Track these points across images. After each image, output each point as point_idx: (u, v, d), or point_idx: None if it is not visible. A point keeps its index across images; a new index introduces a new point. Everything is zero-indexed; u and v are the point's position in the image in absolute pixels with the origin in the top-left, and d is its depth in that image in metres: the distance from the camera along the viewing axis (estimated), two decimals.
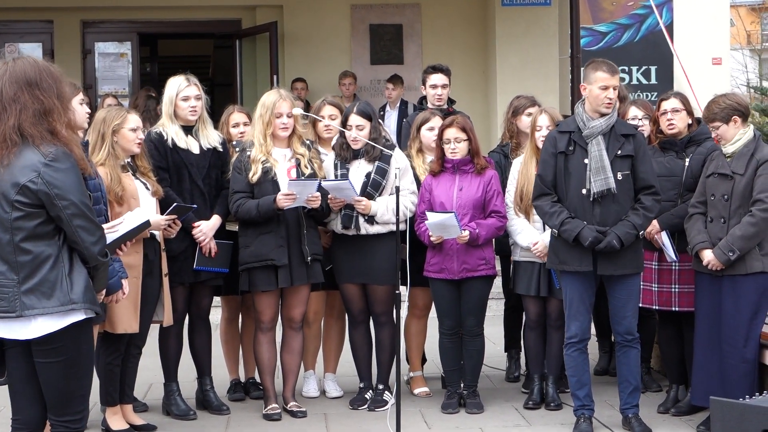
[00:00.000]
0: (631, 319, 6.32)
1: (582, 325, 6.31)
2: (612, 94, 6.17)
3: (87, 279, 4.27)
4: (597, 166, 6.13)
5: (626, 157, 6.17)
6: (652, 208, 6.20)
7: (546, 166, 6.30)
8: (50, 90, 4.26)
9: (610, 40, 16.08)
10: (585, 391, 6.35)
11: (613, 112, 6.24)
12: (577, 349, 6.33)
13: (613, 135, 6.20)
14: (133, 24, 14.65)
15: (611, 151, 6.16)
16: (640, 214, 6.15)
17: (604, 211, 6.14)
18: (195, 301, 6.91)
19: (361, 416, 6.84)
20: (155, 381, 7.37)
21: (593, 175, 6.13)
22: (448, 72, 8.12)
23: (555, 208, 6.22)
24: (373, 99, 12.73)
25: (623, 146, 6.18)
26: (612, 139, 6.19)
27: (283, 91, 6.92)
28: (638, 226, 6.15)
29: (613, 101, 6.20)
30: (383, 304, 6.92)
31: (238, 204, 6.63)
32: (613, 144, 6.18)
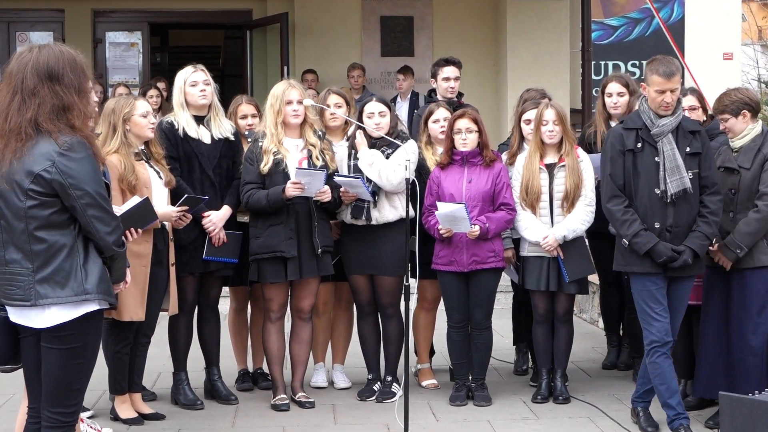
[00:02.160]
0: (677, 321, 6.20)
1: (662, 327, 6.08)
2: (669, 98, 6.00)
3: (102, 269, 4.27)
4: (671, 165, 5.98)
5: (694, 155, 6.02)
6: (717, 211, 6.04)
7: (615, 165, 6.12)
8: (71, 85, 4.23)
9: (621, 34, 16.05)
10: (676, 399, 6.12)
11: (679, 108, 6.10)
12: (662, 354, 6.09)
13: (681, 132, 6.05)
14: (144, 14, 14.65)
15: (681, 149, 6.01)
16: (709, 222, 6.00)
17: (678, 211, 6.01)
18: (204, 291, 6.92)
19: (369, 408, 6.84)
20: (164, 370, 7.38)
21: (669, 176, 5.99)
22: (460, 65, 8.13)
23: (627, 216, 6.05)
24: (383, 91, 12.74)
25: (691, 143, 6.03)
26: (681, 137, 6.04)
27: (293, 81, 6.94)
28: (710, 236, 6.03)
29: (671, 105, 6.03)
30: (391, 296, 6.92)
31: (249, 194, 6.64)
32: (682, 142, 6.02)
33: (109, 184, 4.65)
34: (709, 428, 6.26)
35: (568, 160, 6.77)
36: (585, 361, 8.05)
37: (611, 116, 7.61)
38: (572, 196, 6.74)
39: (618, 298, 7.75)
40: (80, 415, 5.26)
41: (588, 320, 9.72)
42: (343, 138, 7.32)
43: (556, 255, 6.73)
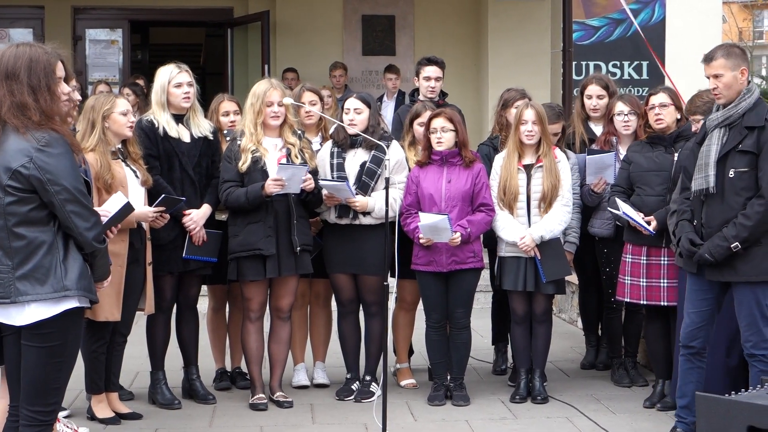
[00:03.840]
0: (744, 330, 5.75)
1: (685, 328, 5.92)
2: (714, 83, 5.70)
3: (82, 266, 4.26)
4: (701, 162, 5.77)
5: (746, 153, 5.62)
6: (752, 215, 5.56)
7: (690, 157, 5.93)
8: (27, 85, 4.24)
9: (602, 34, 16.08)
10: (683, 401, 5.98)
11: (741, 100, 5.68)
12: (682, 355, 5.98)
13: (737, 127, 5.67)
14: (125, 11, 14.60)
15: (728, 144, 5.66)
16: (735, 224, 5.60)
17: (709, 211, 5.74)
18: (183, 290, 6.90)
19: (348, 407, 6.84)
20: (142, 369, 7.36)
21: (696, 172, 5.81)
22: (442, 64, 8.13)
23: (682, 206, 5.91)
24: (365, 90, 12.72)
25: (744, 140, 5.64)
26: (734, 132, 5.68)
27: (274, 81, 6.93)
28: (730, 238, 5.61)
29: (719, 91, 5.72)
30: (374, 295, 6.92)
31: (228, 192, 6.62)
32: (733, 137, 5.67)
33: (90, 181, 4.64)
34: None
35: (545, 160, 6.78)
36: (563, 361, 8.07)
37: (590, 117, 7.64)
38: (549, 196, 6.75)
39: (597, 298, 7.76)
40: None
41: (567, 320, 9.74)
42: (317, 134, 7.33)
43: (534, 255, 6.73)
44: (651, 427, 6.38)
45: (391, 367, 7.34)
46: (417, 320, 7.42)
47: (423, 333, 7.02)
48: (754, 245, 5.65)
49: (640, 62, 15.96)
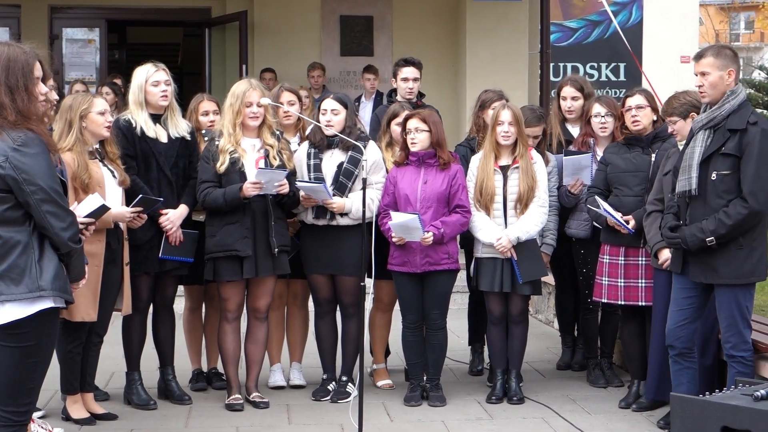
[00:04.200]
0: (724, 331, 5.82)
1: (668, 328, 5.97)
2: (700, 81, 5.75)
3: (58, 266, 4.24)
4: (685, 164, 5.80)
5: (729, 156, 5.65)
6: (733, 214, 5.59)
7: (678, 159, 5.97)
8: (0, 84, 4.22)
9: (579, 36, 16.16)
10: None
11: (725, 102, 5.71)
12: (670, 357, 6.03)
13: (721, 130, 5.70)
14: (102, 10, 14.54)
15: (712, 147, 5.70)
16: (715, 219, 5.64)
17: (692, 213, 5.78)
18: (159, 290, 6.88)
19: (324, 408, 6.83)
20: (117, 370, 7.33)
21: (680, 174, 5.84)
22: (419, 65, 8.14)
23: (670, 203, 5.98)
24: (343, 90, 12.72)
25: (727, 143, 5.66)
26: (718, 135, 5.71)
27: (254, 81, 6.91)
28: (707, 231, 5.65)
29: (704, 89, 5.72)
30: (351, 296, 6.91)
31: (206, 193, 6.61)
32: (717, 139, 5.70)
33: (66, 181, 4.63)
34: (660, 428, 6.31)
35: (521, 161, 6.80)
36: (540, 361, 8.09)
37: (566, 119, 7.66)
38: (526, 197, 6.77)
39: (573, 299, 7.79)
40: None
41: (543, 321, 9.76)
42: (296, 134, 7.33)
43: (510, 256, 6.75)
44: (626, 427, 6.41)
45: (367, 368, 7.34)
46: (394, 321, 7.42)
47: (400, 334, 7.02)
48: (736, 248, 5.69)
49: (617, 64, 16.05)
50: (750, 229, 5.71)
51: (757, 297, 9.57)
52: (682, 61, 15.89)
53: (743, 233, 5.69)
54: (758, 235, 5.77)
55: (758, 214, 5.65)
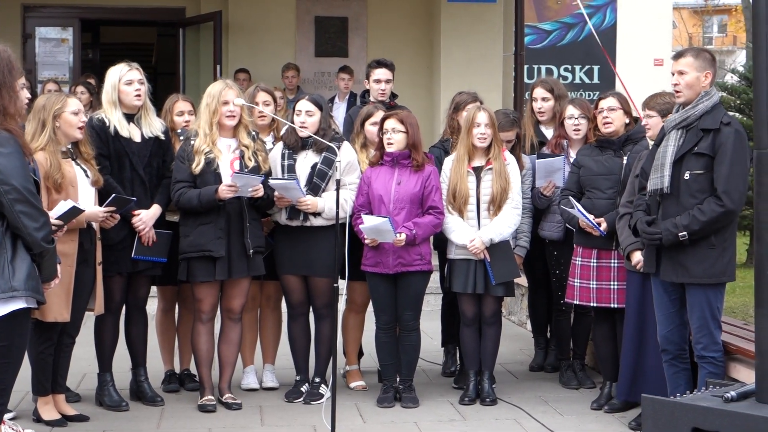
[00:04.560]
0: (695, 332, 5.86)
1: (660, 333, 6.01)
2: (677, 79, 5.81)
3: (30, 266, 4.22)
4: (657, 163, 5.86)
5: (702, 156, 5.72)
6: (707, 211, 5.65)
7: (649, 158, 6.05)
8: None
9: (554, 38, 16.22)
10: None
11: (698, 102, 5.77)
12: (665, 361, 6.04)
13: (694, 129, 5.77)
14: (75, 9, 14.49)
15: (685, 146, 5.77)
16: (689, 214, 5.70)
17: (665, 212, 5.85)
18: (132, 290, 6.85)
19: (297, 409, 6.82)
20: (89, 371, 7.29)
21: (652, 173, 5.90)
22: (392, 67, 8.15)
23: (638, 201, 6.02)
24: (317, 91, 12.70)
25: (699, 143, 5.73)
26: (691, 134, 5.78)
27: (229, 81, 6.91)
28: (680, 226, 5.71)
29: (680, 88, 5.79)
30: (324, 297, 6.90)
31: (180, 193, 6.59)
32: (689, 139, 5.77)
33: (39, 181, 4.61)
34: (632, 429, 6.34)
35: (495, 163, 6.81)
36: (512, 363, 8.11)
37: (540, 121, 7.69)
38: (499, 199, 6.78)
39: (546, 301, 7.81)
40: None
41: (516, 322, 9.78)
42: (270, 134, 7.33)
43: (483, 258, 6.76)
44: (598, 428, 6.43)
45: (340, 369, 7.33)
46: (367, 322, 7.42)
47: (373, 335, 7.02)
48: (708, 247, 5.74)
49: (591, 66, 16.12)
50: (722, 229, 5.77)
51: (729, 299, 9.66)
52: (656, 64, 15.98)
53: (715, 232, 5.75)
54: (729, 236, 5.85)
55: (731, 213, 5.72)
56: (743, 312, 8.87)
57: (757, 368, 4.87)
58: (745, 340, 6.45)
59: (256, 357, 7.41)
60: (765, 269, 4.82)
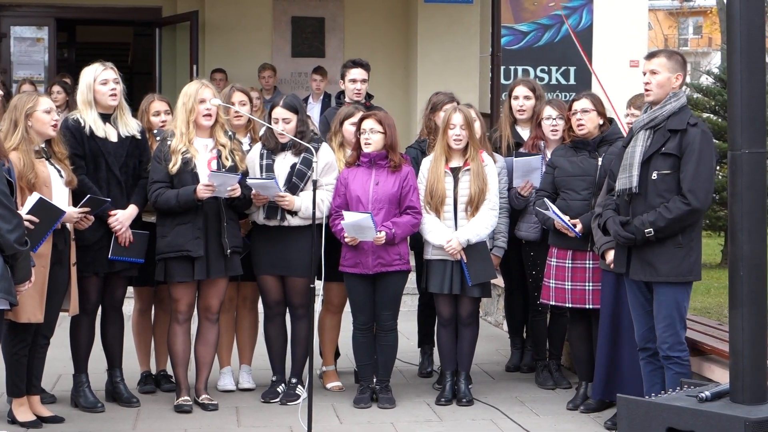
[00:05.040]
0: (661, 331, 5.89)
1: (638, 332, 6.05)
2: (648, 78, 5.88)
3: (2, 268, 4.19)
4: (626, 163, 5.92)
5: (669, 156, 5.79)
6: (673, 209, 5.72)
7: (617, 159, 6.10)
8: None
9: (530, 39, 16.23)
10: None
11: (666, 103, 5.85)
12: (642, 359, 6.08)
13: (661, 130, 5.84)
14: (51, 9, 14.40)
15: (652, 147, 5.83)
16: (655, 211, 5.77)
17: (634, 211, 5.90)
18: (109, 291, 6.82)
19: (273, 410, 6.82)
20: (64, 372, 7.26)
21: (620, 173, 5.96)
22: (367, 67, 8.15)
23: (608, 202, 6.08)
24: (293, 92, 12.70)
25: (667, 143, 5.80)
26: (658, 135, 5.85)
27: (205, 81, 6.92)
28: (647, 223, 5.77)
29: (650, 87, 5.86)
30: (301, 297, 6.90)
31: (158, 193, 6.57)
32: (657, 140, 5.84)
33: (14, 182, 4.59)
34: (608, 429, 6.36)
35: (473, 164, 6.83)
36: (489, 363, 8.12)
37: (517, 120, 7.70)
38: (476, 200, 6.79)
39: (522, 302, 7.82)
40: None
41: (492, 323, 9.80)
42: (246, 135, 7.32)
43: (460, 259, 6.77)
44: (574, 428, 6.45)
45: (317, 370, 7.33)
46: (343, 323, 7.42)
47: (349, 336, 7.02)
48: (675, 246, 5.80)
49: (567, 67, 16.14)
50: (689, 228, 5.85)
51: (703, 299, 9.72)
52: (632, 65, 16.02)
53: (682, 230, 5.82)
54: (696, 235, 5.93)
55: (697, 211, 5.79)
56: (718, 312, 8.91)
57: (732, 368, 4.90)
58: (719, 340, 6.49)
59: (232, 358, 7.39)
60: (739, 270, 4.84)
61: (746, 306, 4.82)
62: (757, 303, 4.83)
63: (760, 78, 4.81)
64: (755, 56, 4.79)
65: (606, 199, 6.18)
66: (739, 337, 4.85)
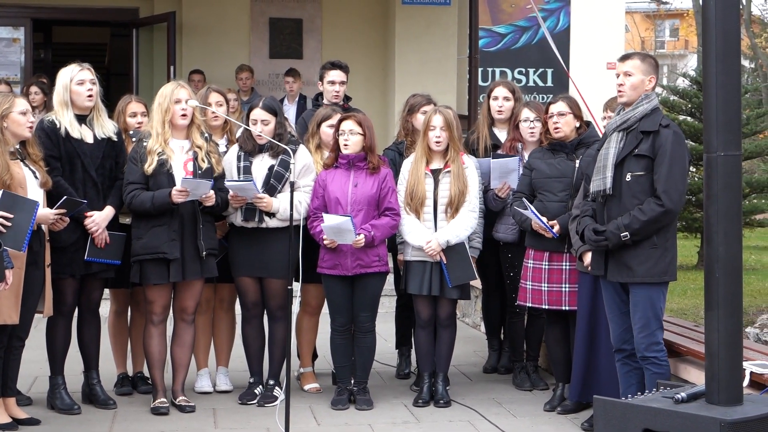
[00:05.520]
0: (638, 332, 5.91)
1: (613, 333, 6.08)
2: (622, 80, 5.91)
3: None
4: (600, 165, 5.96)
5: (642, 157, 5.83)
6: (647, 211, 5.75)
7: (591, 162, 6.14)
8: None
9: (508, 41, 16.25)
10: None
11: (638, 105, 5.89)
12: (618, 360, 6.10)
13: (634, 132, 5.88)
14: (27, 9, 14.32)
15: (626, 149, 5.87)
16: (630, 214, 5.80)
17: (608, 213, 5.93)
18: (85, 293, 6.79)
19: (250, 411, 6.81)
20: (40, 374, 7.23)
21: (595, 174, 6.00)
22: (346, 69, 8.13)
23: (585, 206, 6.11)
24: (271, 93, 12.68)
25: (640, 145, 5.84)
26: (631, 137, 5.89)
27: (182, 81, 6.91)
28: (622, 227, 5.80)
29: (624, 89, 5.90)
30: (279, 299, 6.89)
31: (133, 195, 6.55)
32: (630, 141, 5.87)
33: None
34: (584, 430, 6.38)
35: (453, 166, 6.84)
36: (466, 364, 8.14)
37: (495, 122, 7.70)
38: (456, 202, 6.81)
39: (500, 303, 7.83)
40: None
41: (470, 324, 9.82)
42: (223, 136, 7.31)
43: (439, 260, 6.78)
44: (551, 429, 6.47)
45: (294, 372, 7.33)
46: (321, 324, 7.42)
47: (327, 337, 7.02)
48: (650, 247, 5.83)
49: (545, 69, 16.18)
50: (663, 229, 5.88)
51: (680, 301, 9.77)
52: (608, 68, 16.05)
53: (657, 231, 5.85)
54: (671, 236, 5.98)
55: (671, 212, 5.83)
56: (694, 314, 8.95)
57: (707, 370, 4.92)
58: (695, 341, 6.52)
59: (209, 360, 7.38)
60: (715, 271, 4.87)
61: (722, 308, 4.85)
62: (732, 305, 4.86)
63: (735, 81, 4.84)
64: (730, 59, 4.82)
65: (584, 204, 6.20)
66: (714, 339, 4.88)
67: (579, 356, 6.53)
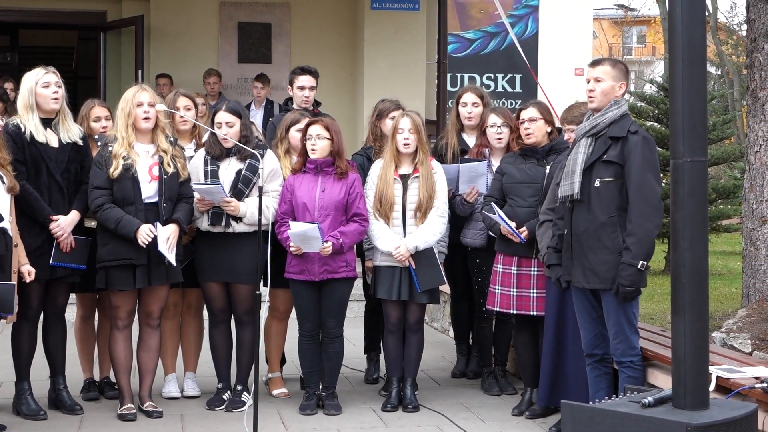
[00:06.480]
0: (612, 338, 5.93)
1: (584, 339, 6.10)
2: (592, 85, 5.93)
3: None
4: (568, 170, 5.97)
5: (611, 164, 5.83)
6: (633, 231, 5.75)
7: (560, 168, 6.18)
8: None
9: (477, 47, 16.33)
10: None
11: (607, 110, 5.90)
12: (588, 364, 6.13)
13: (603, 138, 5.90)
14: None
15: (594, 154, 5.88)
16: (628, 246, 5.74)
17: (576, 219, 5.94)
18: (50, 298, 6.75)
19: (218, 417, 6.78)
20: (6, 380, 7.18)
21: (563, 179, 6.01)
22: (316, 74, 8.13)
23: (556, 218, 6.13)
24: (239, 97, 12.68)
25: (608, 151, 5.85)
26: (600, 142, 5.90)
27: (144, 84, 6.88)
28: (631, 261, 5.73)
29: (594, 94, 5.91)
30: (246, 304, 6.87)
31: (100, 206, 6.50)
32: (599, 147, 5.89)
33: None
34: None
35: (422, 170, 6.85)
36: (435, 369, 8.15)
37: (464, 128, 7.72)
38: (425, 206, 6.82)
39: (468, 308, 7.85)
40: None
41: (439, 329, 9.83)
42: (191, 141, 7.28)
43: (408, 265, 6.79)
44: None
45: (262, 377, 7.31)
46: (290, 329, 7.40)
47: (295, 342, 7.00)
48: (617, 253, 5.83)
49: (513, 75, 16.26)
50: None
51: (647, 305, 9.80)
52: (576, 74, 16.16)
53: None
54: None
55: (657, 216, 5.82)
56: (661, 318, 8.99)
57: (674, 374, 4.94)
58: (662, 346, 6.55)
59: (177, 365, 7.35)
60: (681, 277, 4.89)
61: (688, 313, 4.87)
62: (698, 310, 4.88)
63: (701, 87, 4.86)
64: (696, 66, 4.84)
65: (550, 212, 6.21)
66: (681, 344, 4.90)
67: (546, 361, 6.56)
